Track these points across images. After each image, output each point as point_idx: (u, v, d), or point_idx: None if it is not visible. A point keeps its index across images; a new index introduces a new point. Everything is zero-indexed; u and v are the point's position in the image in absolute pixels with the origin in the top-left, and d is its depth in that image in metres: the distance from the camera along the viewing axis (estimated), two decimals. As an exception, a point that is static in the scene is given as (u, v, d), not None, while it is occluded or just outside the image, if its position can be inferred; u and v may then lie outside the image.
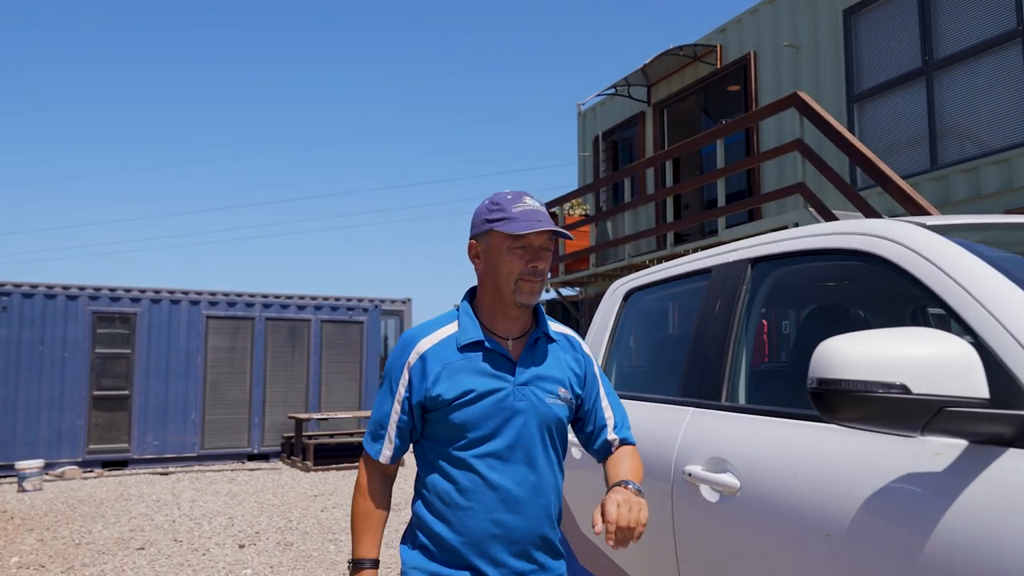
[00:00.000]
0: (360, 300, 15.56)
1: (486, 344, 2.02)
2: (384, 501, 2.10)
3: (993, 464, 1.50)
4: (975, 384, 1.47)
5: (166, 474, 12.68)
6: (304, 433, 13.44)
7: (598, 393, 2.18)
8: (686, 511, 2.36)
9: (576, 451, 3.09)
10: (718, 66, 10.60)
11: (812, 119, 7.20)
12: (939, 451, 1.62)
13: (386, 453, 2.07)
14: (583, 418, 2.17)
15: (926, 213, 6.08)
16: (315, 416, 13.25)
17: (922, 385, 1.47)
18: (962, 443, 1.58)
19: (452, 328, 2.07)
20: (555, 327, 2.19)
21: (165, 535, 7.86)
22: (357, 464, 13.04)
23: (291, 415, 13.77)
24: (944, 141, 7.72)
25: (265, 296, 14.49)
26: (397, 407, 2.04)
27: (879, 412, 1.50)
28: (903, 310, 2.38)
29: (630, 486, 1.93)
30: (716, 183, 9.51)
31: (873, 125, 8.48)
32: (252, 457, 14.02)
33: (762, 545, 2.02)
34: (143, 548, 7.28)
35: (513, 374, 2.01)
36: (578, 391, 2.12)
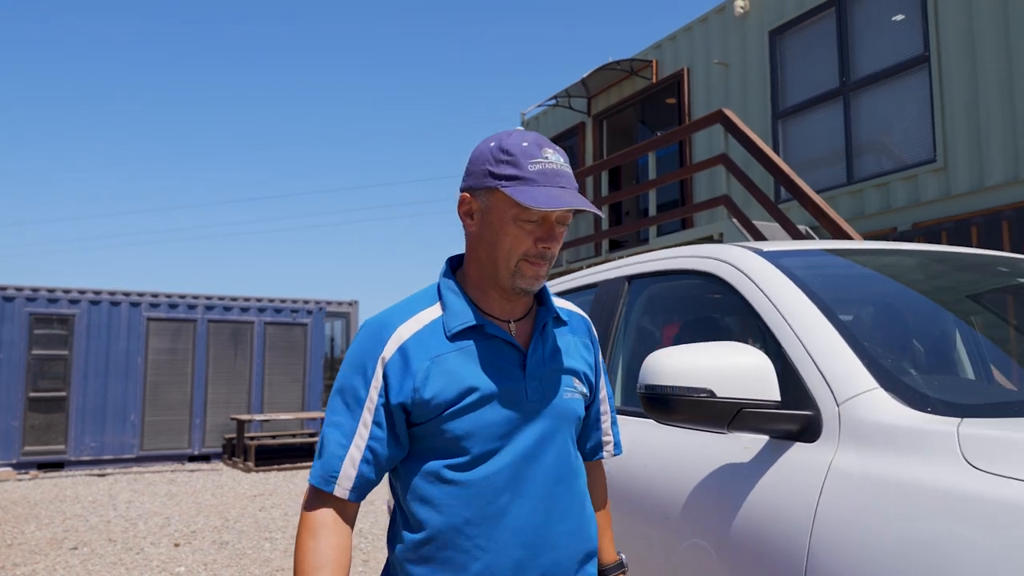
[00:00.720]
0: (306, 302, 15.67)
1: (486, 329, 1.57)
2: (343, 553, 1.51)
3: (783, 455, 1.78)
4: (768, 389, 1.74)
5: (103, 476, 12.66)
6: (246, 434, 13.52)
7: (599, 386, 1.80)
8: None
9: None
10: (654, 80, 10.95)
11: (735, 135, 7.55)
12: (748, 445, 1.89)
13: (344, 485, 1.51)
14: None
15: (837, 226, 6.45)
16: (257, 417, 13.33)
17: (725, 390, 1.74)
18: (764, 438, 1.86)
19: (435, 311, 1.59)
20: (561, 303, 1.76)
21: (99, 535, 7.93)
22: (299, 464, 13.30)
23: (233, 416, 13.83)
24: (859, 157, 8.14)
25: (209, 298, 14.53)
26: (367, 418, 1.52)
27: (692, 413, 1.77)
28: (742, 323, 2.67)
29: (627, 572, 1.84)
30: (648, 193, 9.86)
31: (796, 141, 8.88)
32: (193, 458, 14.04)
33: (621, 528, 2.29)
34: (76, 548, 7.36)
35: (524, 366, 1.57)
36: (591, 382, 1.72)
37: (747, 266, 2.17)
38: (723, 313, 2.32)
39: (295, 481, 11.72)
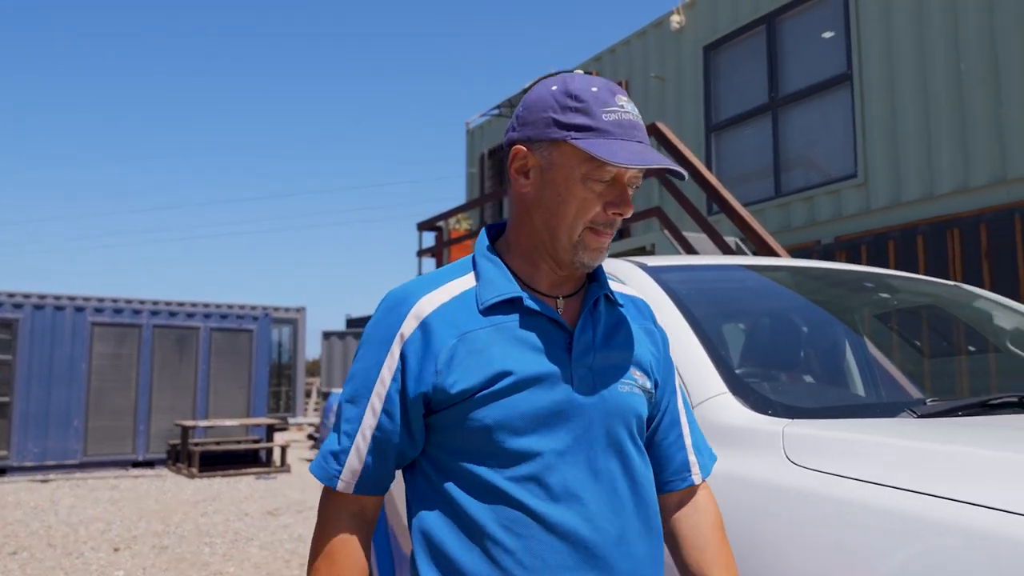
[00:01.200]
0: (253, 308, 15.67)
1: (526, 302, 1.33)
2: (358, 560, 1.32)
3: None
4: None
5: (46, 482, 12.55)
6: (191, 440, 13.50)
7: (674, 388, 1.51)
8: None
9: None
10: (595, 92, 11.23)
11: (667, 148, 7.83)
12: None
13: (347, 479, 1.32)
14: (651, 425, 1.48)
15: (762, 239, 6.75)
16: (201, 423, 13.33)
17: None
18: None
19: (467, 281, 1.37)
20: (617, 286, 1.50)
21: (40, 540, 7.94)
22: (243, 471, 13.30)
23: (177, 422, 13.79)
24: (787, 172, 8.48)
25: (155, 303, 14.48)
26: (376, 405, 1.32)
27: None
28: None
29: None
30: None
31: (728, 154, 9.21)
32: (137, 464, 13.98)
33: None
34: (16, 553, 7.37)
35: (570, 350, 1.33)
36: (656, 377, 1.45)
37: (629, 279, 2.39)
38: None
39: (239, 487, 11.76)
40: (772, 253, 6.40)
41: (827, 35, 8.12)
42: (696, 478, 1.47)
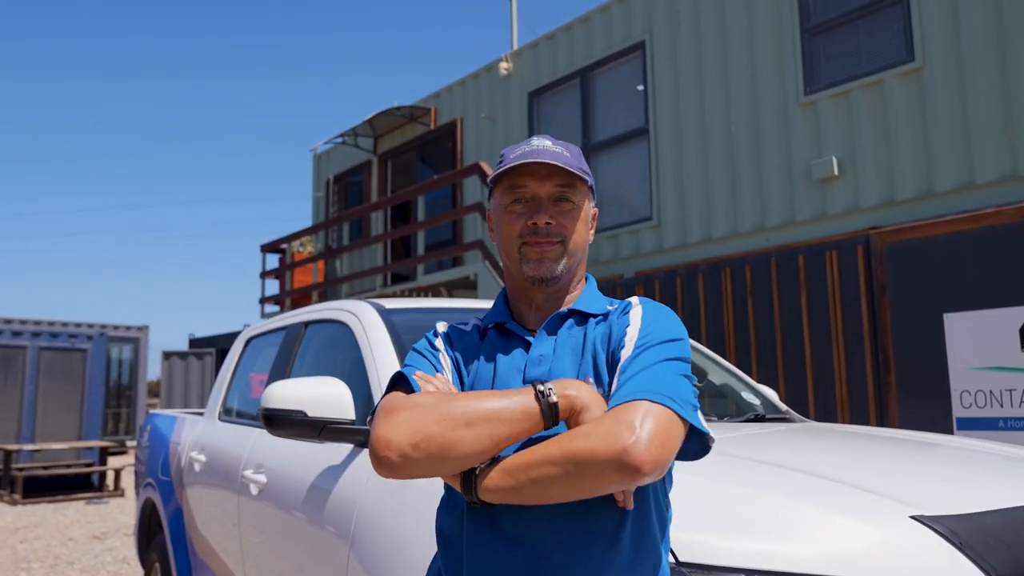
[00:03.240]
0: (90, 326, 15.40)
1: (508, 325, 1.52)
2: None
3: (356, 459, 2.53)
4: (345, 410, 2.48)
5: None
6: (15, 465, 13.12)
7: (629, 365, 1.36)
8: (244, 501, 3.28)
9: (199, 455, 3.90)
10: (432, 127, 11.84)
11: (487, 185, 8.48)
12: (342, 451, 2.64)
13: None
14: None
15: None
16: (27, 447, 12.98)
17: (315, 411, 2.46)
18: (349, 446, 2.60)
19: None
20: (612, 303, 1.55)
21: None
22: (72, 496, 12.96)
23: None
24: (599, 211, 9.28)
25: (-19, 322, 14.03)
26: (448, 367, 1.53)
27: (292, 429, 2.48)
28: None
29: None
30: (418, 233, 10.69)
31: (549, 192, 9.95)
32: (-45, 490, 13.45)
33: (273, 519, 2.97)
34: None
35: (524, 368, 1.45)
36: (611, 375, 1.39)
37: (363, 317, 2.93)
38: (352, 350, 3.04)
39: (66, 513, 11.57)
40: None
41: (632, 90, 9.00)
42: None
